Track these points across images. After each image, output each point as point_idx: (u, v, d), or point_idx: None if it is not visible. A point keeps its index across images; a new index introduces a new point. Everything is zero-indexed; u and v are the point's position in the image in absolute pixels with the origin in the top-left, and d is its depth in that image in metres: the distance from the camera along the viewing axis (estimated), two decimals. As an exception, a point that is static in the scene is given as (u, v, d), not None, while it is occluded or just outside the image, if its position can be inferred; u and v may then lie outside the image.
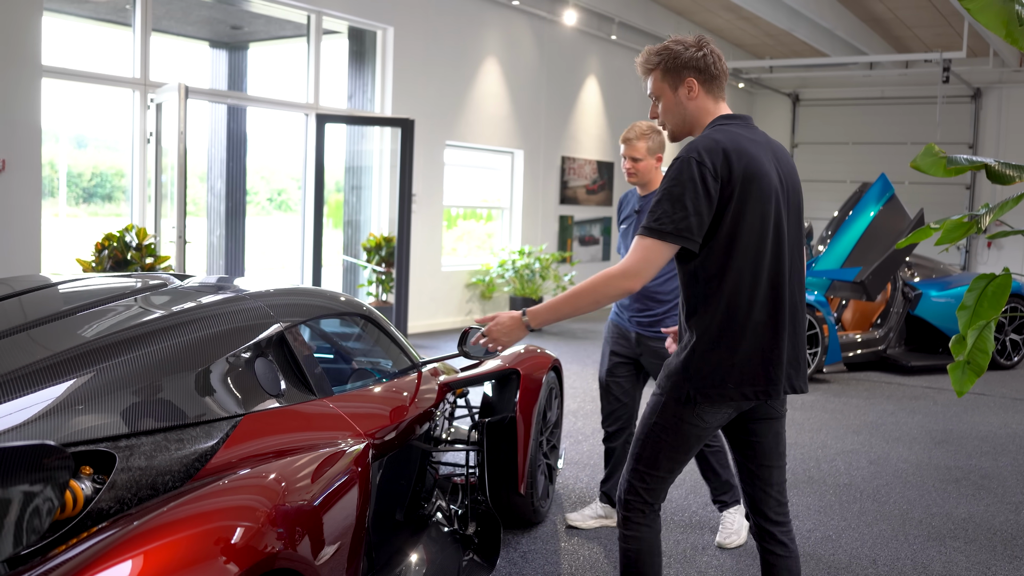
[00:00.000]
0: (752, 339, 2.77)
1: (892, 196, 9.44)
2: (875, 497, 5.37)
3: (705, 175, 2.69)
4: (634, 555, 2.94)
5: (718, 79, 2.92)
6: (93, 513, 2.17)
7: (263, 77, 12.65)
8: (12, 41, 7.27)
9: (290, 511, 2.34)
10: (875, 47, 16.00)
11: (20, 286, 3.22)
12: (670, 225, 2.68)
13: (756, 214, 2.74)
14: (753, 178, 2.74)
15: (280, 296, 3.45)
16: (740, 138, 2.78)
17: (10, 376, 2.40)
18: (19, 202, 7.45)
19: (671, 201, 2.69)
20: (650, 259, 2.72)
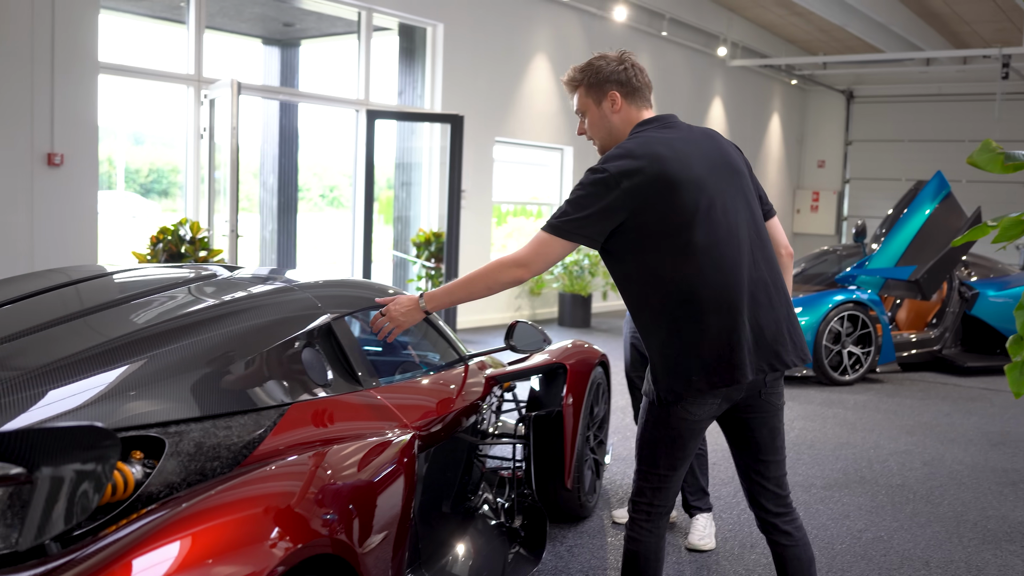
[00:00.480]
0: (704, 330, 2.76)
1: (948, 194, 9.27)
2: (928, 499, 5.27)
3: (607, 181, 2.75)
4: (634, 557, 2.96)
5: (640, 90, 2.99)
6: (143, 497, 2.20)
7: (314, 73, 12.76)
8: (70, 38, 7.40)
9: (336, 498, 2.35)
10: (932, 42, 15.73)
11: (76, 275, 3.28)
12: (566, 224, 2.78)
13: (681, 209, 2.75)
14: (669, 176, 2.75)
15: (328, 288, 3.47)
16: (652, 141, 2.83)
17: (66, 362, 2.44)
18: (76, 195, 7.58)
19: (572, 203, 2.79)
20: (542, 252, 2.83)
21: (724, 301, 2.76)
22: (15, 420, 2.20)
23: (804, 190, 20.44)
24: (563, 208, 2.81)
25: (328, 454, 2.51)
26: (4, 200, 7.16)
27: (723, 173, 2.87)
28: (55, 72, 7.32)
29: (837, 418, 7.23)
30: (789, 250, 3.14)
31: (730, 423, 2.99)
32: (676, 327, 2.77)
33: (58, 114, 7.38)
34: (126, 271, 3.48)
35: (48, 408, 2.27)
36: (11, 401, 2.25)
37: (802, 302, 8.79)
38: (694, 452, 2.95)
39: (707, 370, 2.76)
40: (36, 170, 7.30)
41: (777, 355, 2.83)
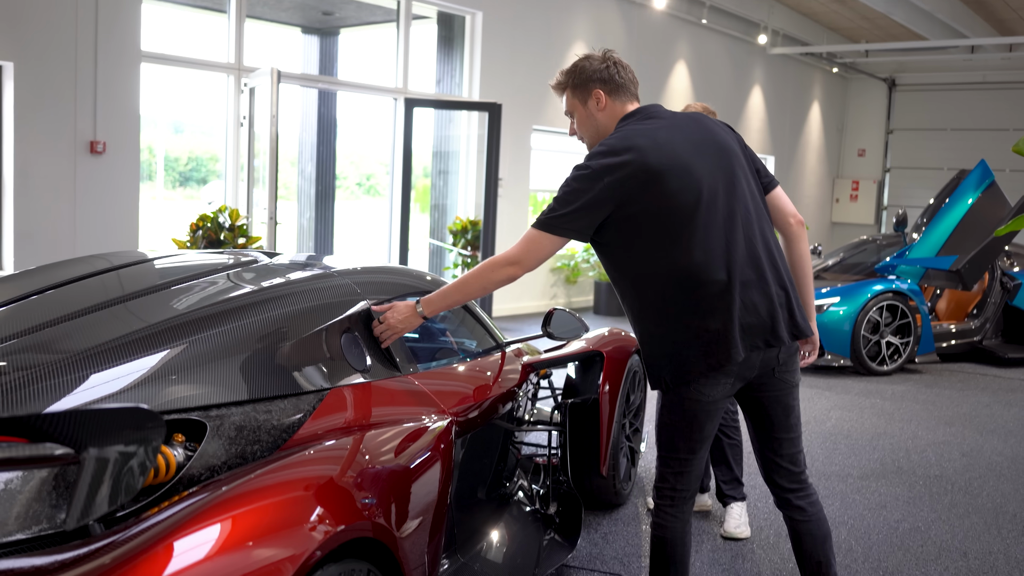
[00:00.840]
0: (695, 315, 2.80)
1: (992, 183, 9.14)
2: (967, 490, 5.23)
3: (591, 176, 2.80)
4: (661, 543, 3.00)
5: (624, 86, 3.03)
6: (185, 479, 2.24)
7: (353, 62, 12.81)
8: (112, 28, 7.49)
9: (375, 482, 2.38)
10: (977, 30, 15.49)
11: (118, 261, 3.34)
12: (554, 220, 2.83)
13: (669, 196, 2.79)
14: (653, 166, 2.79)
15: (367, 274, 3.51)
16: (633, 133, 2.87)
17: (109, 345, 2.49)
18: (118, 183, 7.69)
19: (559, 199, 2.85)
20: (533, 249, 2.89)
21: (713, 284, 2.79)
22: (60, 402, 2.25)
23: (844, 179, 20.24)
24: (551, 205, 2.87)
25: (367, 438, 2.55)
26: (48, 187, 7.28)
27: (710, 154, 2.89)
28: (98, 61, 7.42)
29: (875, 408, 7.18)
30: (798, 218, 3.14)
31: (745, 401, 3.03)
32: (667, 314, 2.83)
33: (101, 102, 7.48)
34: (167, 257, 3.53)
35: (92, 391, 2.32)
36: (57, 384, 2.30)
37: (841, 291, 8.72)
38: (712, 434, 2.98)
39: (702, 353, 2.80)
40: (79, 158, 7.41)
41: (772, 331, 2.86)
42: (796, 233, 3.12)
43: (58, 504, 2.04)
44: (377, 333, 3.10)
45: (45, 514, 2.01)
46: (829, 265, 10.18)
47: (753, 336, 2.83)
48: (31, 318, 2.67)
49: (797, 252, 3.12)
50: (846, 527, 4.54)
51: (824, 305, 8.55)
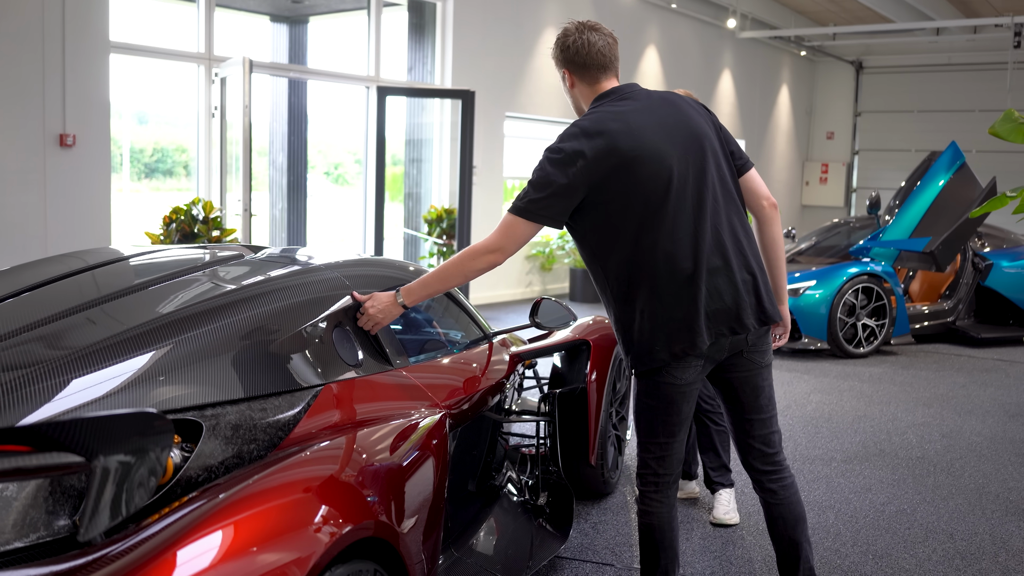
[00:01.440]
0: (665, 301, 2.81)
1: (963, 164, 9.22)
2: (949, 471, 5.27)
3: (563, 160, 2.79)
4: (649, 529, 3.01)
5: (587, 67, 2.99)
6: (182, 481, 2.20)
7: (323, 50, 12.69)
8: (81, 17, 7.36)
9: (375, 480, 2.35)
10: (942, 12, 15.60)
11: (101, 258, 3.27)
12: (530, 205, 2.83)
13: (640, 181, 2.79)
14: (624, 150, 2.79)
15: (353, 267, 3.47)
16: (604, 116, 2.86)
17: (101, 346, 2.44)
18: (89, 176, 7.57)
19: (533, 184, 2.84)
20: (511, 235, 2.88)
21: (680, 271, 2.81)
22: (54, 405, 2.20)
23: (813, 162, 20.36)
24: (526, 189, 2.87)
25: (364, 436, 2.52)
26: (17, 182, 7.15)
27: (682, 138, 2.88)
28: (66, 52, 7.29)
29: (853, 391, 7.23)
30: (772, 200, 3.13)
31: (716, 382, 3.06)
32: (635, 300, 2.84)
33: (70, 95, 7.36)
34: (147, 254, 3.46)
35: (85, 393, 2.27)
36: (49, 387, 2.25)
37: (816, 275, 8.77)
38: (690, 416, 2.99)
39: (668, 340, 2.82)
40: (48, 151, 7.29)
41: (737, 318, 2.88)
42: (769, 216, 3.12)
43: (55, 511, 1.99)
44: (360, 324, 3.08)
45: (43, 521, 1.97)
46: (803, 248, 10.23)
47: (719, 323, 2.86)
48: (13, 321, 2.61)
49: (770, 235, 3.12)
50: (833, 511, 4.57)
51: (800, 288, 8.59)
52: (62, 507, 2.00)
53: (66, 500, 2.00)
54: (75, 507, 2.01)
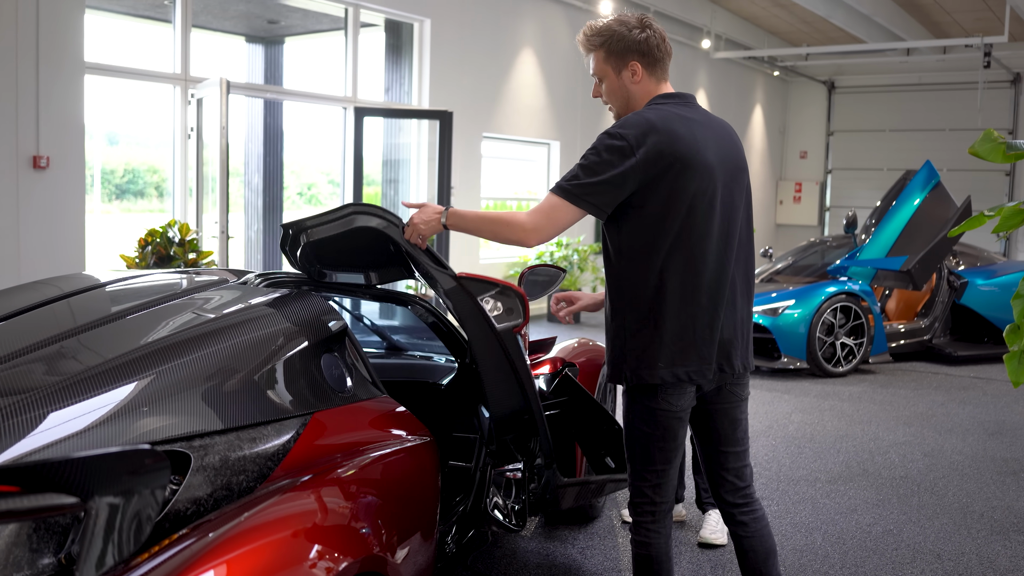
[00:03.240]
0: (682, 319, 2.75)
1: (938, 183, 9.29)
2: (933, 490, 5.27)
3: (624, 149, 2.67)
4: (647, 561, 2.92)
5: (662, 61, 2.89)
6: (170, 515, 2.14)
7: (299, 71, 12.65)
8: (55, 38, 7.29)
9: (371, 511, 2.31)
10: (913, 33, 15.77)
11: (72, 286, 3.18)
12: (577, 188, 2.69)
13: (689, 193, 2.71)
14: (684, 157, 2.70)
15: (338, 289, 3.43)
16: (672, 117, 2.75)
17: (82, 377, 2.38)
18: (63, 199, 7.47)
19: (585, 168, 2.70)
20: (553, 217, 2.73)
21: (700, 294, 2.75)
22: (29, 442, 2.13)
23: (787, 181, 20.49)
24: (574, 171, 2.72)
25: (355, 465, 2.47)
26: (-9, 204, 7.05)
27: (731, 167, 2.85)
28: (40, 73, 7.21)
29: (834, 410, 7.24)
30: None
31: (695, 413, 2.98)
32: (652, 311, 2.75)
33: (43, 116, 7.27)
34: (126, 279, 3.39)
35: (70, 425, 2.21)
36: (27, 421, 2.18)
37: (795, 294, 8.79)
38: (684, 441, 2.93)
39: (673, 360, 2.75)
40: (21, 173, 7.19)
41: (728, 358, 2.85)
42: None
43: (40, 548, 1.93)
44: (407, 236, 2.99)
45: (27, 560, 1.90)
46: (780, 268, 10.27)
47: (721, 356, 2.83)
48: None
49: None
50: (820, 532, 4.55)
51: (779, 308, 8.61)
52: (47, 545, 1.93)
53: (51, 537, 1.94)
54: (60, 544, 1.95)
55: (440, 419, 4.03)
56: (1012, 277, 9.66)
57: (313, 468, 2.40)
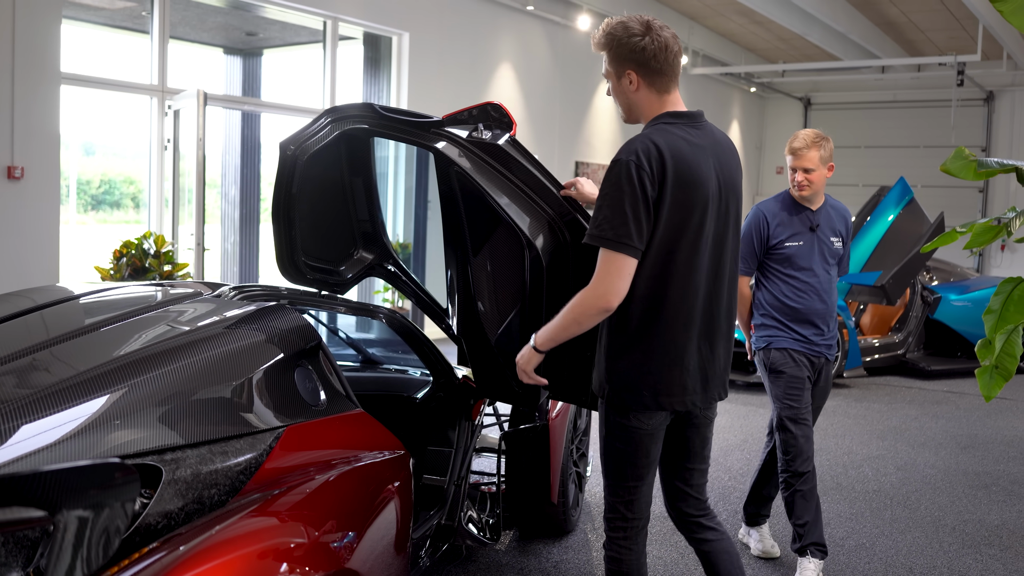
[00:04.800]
0: (670, 350, 2.73)
1: (911, 200, 9.38)
2: (906, 504, 5.31)
3: (643, 178, 2.60)
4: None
5: (662, 72, 2.75)
6: (141, 528, 2.13)
7: (277, 83, 12.64)
8: (31, 49, 7.25)
9: (342, 524, 2.30)
10: (888, 51, 15.93)
11: (44, 298, 3.17)
12: (611, 232, 2.60)
13: (686, 221, 2.67)
14: (687, 184, 2.65)
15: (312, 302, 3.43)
16: (679, 142, 2.69)
17: (53, 390, 2.36)
18: (37, 210, 7.43)
19: (612, 207, 2.61)
20: (621, 272, 2.63)
21: (690, 325, 2.74)
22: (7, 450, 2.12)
23: (763, 196, 20.61)
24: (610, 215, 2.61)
25: (328, 479, 2.46)
26: (-36, 215, 7.00)
27: (729, 191, 2.82)
28: (15, 84, 7.17)
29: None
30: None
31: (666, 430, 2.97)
32: (639, 338, 2.73)
33: (18, 126, 7.23)
34: (99, 292, 3.38)
35: (42, 437, 2.19)
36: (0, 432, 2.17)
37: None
38: (657, 458, 2.91)
39: (656, 386, 2.74)
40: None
41: (707, 388, 2.85)
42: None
43: (8, 563, 1.91)
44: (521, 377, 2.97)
45: (-7, 573, 1.89)
46: (756, 282, 10.32)
47: (704, 385, 2.83)
48: None
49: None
50: (793, 546, 4.57)
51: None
52: (15, 559, 1.92)
53: (19, 551, 1.93)
54: (28, 558, 1.93)
55: (415, 433, 4.04)
56: (984, 292, 9.76)
57: (285, 482, 2.39)
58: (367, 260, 3.94)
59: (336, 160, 3.72)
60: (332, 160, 3.69)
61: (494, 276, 3.35)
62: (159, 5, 8.25)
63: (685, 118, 2.77)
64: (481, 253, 3.35)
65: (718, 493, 5.39)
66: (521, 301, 3.28)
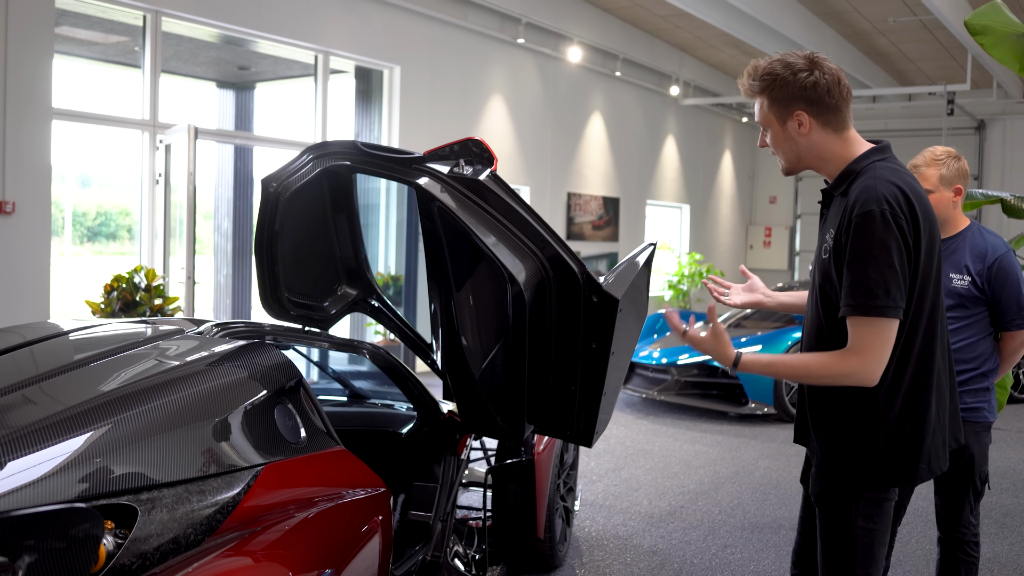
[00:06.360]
0: (936, 408, 2.47)
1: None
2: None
3: (902, 227, 2.31)
4: None
5: (836, 109, 2.48)
6: (115, 569, 2.12)
7: (270, 116, 12.70)
8: (23, 84, 7.29)
9: (319, 564, 2.29)
10: (878, 80, 16.05)
11: (32, 335, 3.17)
12: (884, 298, 2.29)
13: (931, 266, 2.42)
14: (931, 225, 2.41)
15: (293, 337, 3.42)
16: (907, 178, 2.43)
17: (28, 429, 2.36)
18: (28, 244, 7.43)
19: (877, 267, 2.29)
20: (890, 342, 2.33)
21: (943, 375, 2.51)
22: None
23: (756, 226, 20.68)
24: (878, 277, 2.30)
25: (306, 517, 2.45)
26: (-46, 250, 7.00)
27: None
28: (7, 118, 7.20)
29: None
30: None
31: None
32: (912, 401, 2.43)
33: (9, 161, 7.25)
34: (90, 328, 3.38)
35: (15, 478, 2.18)
36: None
37: (762, 339, 8.84)
38: None
39: (931, 456, 2.46)
40: (-13, 218, 7.16)
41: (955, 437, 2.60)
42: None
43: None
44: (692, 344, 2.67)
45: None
46: (748, 313, 10.32)
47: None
48: None
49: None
50: (782, 580, 4.55)
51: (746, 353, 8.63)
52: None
53: None
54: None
55: (400, 468, 4.02)
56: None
57: (263, 520, 2.38)
58: (351, 296, 3.94)
59: (319, 196, 3.73)
60: (315, 196, 3.70)
61: (477, 311, 3.35)
62: (151, 41, 8.30)
63: (889, 152, 2.54)
64: (464, 288, 3.35)
65: (707, 527, 5.37)
66: (504, 336, 3.28)
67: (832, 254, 2.42)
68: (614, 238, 15.09)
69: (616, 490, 6.08)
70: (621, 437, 7.79)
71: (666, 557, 4.84)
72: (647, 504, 5.79)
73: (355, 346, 3.84)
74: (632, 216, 15.68)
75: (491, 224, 3.20)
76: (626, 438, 7.76)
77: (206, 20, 8.73)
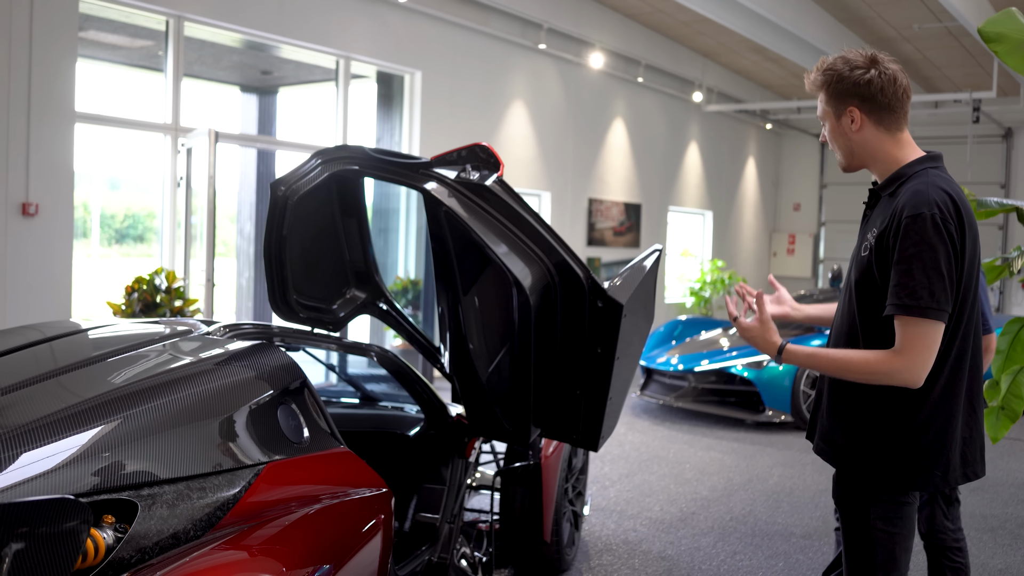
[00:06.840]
0: (962, 417, 2.48)
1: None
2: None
3: (951, 231, 2.35)
4: None
5: (890, 109, 2.52)
6: (114, 562, 2.16)
7: (292, 120, 12.80)
8: (47, 87, 7.39)
9: (317, 561, 2.32)
10: (903, 88, 15.95)
11: (50, 332, 3.24)
12: (929, 300, 2.31)
13: (975, 271, 2.46)
14: (975, 234, 2.45)
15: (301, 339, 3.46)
16: (955, 186, 2.46)
17: (38, 423, 2.41)
18: (51, 246, 7.53)
19: (925, 269, 2.32)
20: (935, 344, 2.35)
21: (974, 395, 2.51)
22: None
23: (780, 233, 20.59)
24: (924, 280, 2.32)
25: (304, 515, 2.48)
26: (-22, 250, 7.11)
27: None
28: (31, 121, 7.30)
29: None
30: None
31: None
32: (941, 410, 2.45)
33: (33, 164, 7.35)
34: (101, 327, 3.44)
35: (19, 472, 2.23)
36: None
37: (779, 347, 8.80)
38: None
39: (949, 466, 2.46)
40: (10, 220, 7.26)
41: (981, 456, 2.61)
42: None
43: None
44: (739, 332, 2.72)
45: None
46: (768, 319, 10.28)
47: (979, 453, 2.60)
48: None
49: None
50: (790, 588, 4.54)
51: (764, 361, 8.62)
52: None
53: None
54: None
55: (409, 470, 4.05)
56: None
57: (262, 516, 2.41)
58: (360, 299, 3.98)
59: (328, 200, 3.77)
60: (324, 200, 3.74)
61: (483, 315, 3.38)
62: (174, 45, 8.40)
63: (941, 162, 2.57)
64: (471, 292, 3.38)
65: (717, 533, 5.36)
66: (510, 340, 3.30)
67: (873, 252, 2.46)
68: (636, 244, 15.07)
69: (628, 495, 6.09)
70: (636, 443, 7.79)
71: (674, 563, 4.85)
72: (658, 510, 5.79)
73: (363, 349, 3.88)
74: (654, 222, 15.66)
75: (497, 229, 3.23)
76: (641, 444, 7.76)
77: (228, 25, 8.81)
